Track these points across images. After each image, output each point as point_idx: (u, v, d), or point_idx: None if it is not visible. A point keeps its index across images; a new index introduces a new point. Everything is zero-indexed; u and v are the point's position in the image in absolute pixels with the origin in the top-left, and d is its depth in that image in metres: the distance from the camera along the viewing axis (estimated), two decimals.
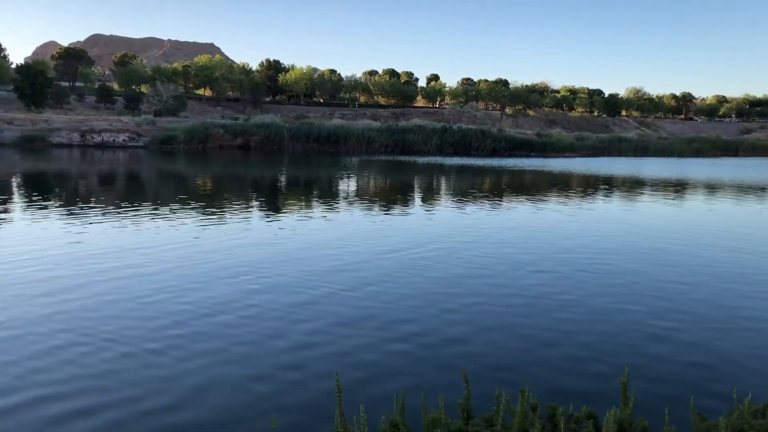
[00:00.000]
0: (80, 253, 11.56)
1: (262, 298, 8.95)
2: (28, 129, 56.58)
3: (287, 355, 6.82)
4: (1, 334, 7.24)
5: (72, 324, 7.65)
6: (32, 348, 6.85)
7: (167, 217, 16.29)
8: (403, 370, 6.44)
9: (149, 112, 79.33)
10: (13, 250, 11.76)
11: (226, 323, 7.78)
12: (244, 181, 30.38)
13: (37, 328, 7.47)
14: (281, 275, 10.36)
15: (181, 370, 6.29)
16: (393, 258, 11.95)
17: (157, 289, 9.28)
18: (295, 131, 63.07)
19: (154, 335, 7.31)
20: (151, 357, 6.64)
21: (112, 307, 8.37)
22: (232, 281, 9.87)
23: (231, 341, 7.15)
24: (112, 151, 50.65)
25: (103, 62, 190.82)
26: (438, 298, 9.20)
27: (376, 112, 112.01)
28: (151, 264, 10.89)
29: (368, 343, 7.25)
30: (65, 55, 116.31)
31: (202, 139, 57.91)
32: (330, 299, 9.00)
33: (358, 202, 21.52)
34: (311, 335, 7.46)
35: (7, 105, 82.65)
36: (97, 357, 6.64)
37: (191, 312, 8.20)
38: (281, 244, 13.21)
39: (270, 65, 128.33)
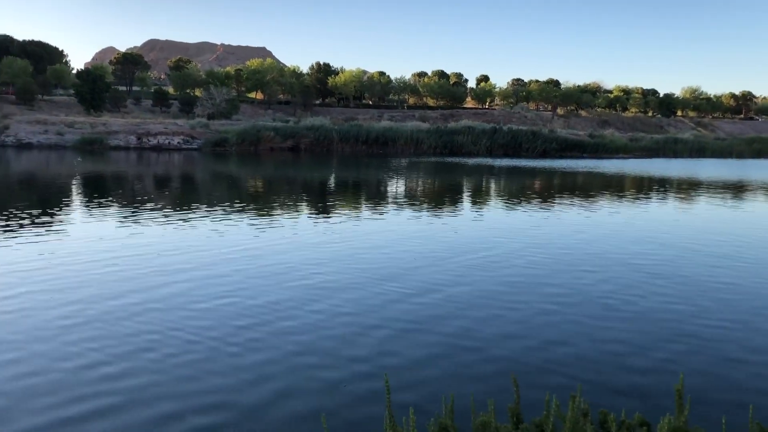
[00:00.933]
0: (140, 253, 11.84)
1: (328, 301, 8.94)
2: (87, 132, 58.53)
3: (348, 354, 6.86)
4: (88, 334, 7.36)
5: (153, 324, 7.74)
6: (123, 348, 6.93)
7: (221, 219, 16.59)
8: (453, 373, 6.41)
9: (203, 115, 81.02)
10: (74, 250, 12.15)
11: (295, 328, 7.72)
12: (294, 182, 30.75)
13: (120, 328, 7.59)
14: (341, 277, 10.38)
15: (259, 373, 6.28)
16: (447, 260, 11.90)
17: (224, 290, 9.33)
18: (344, 133, 63.54)
19: (229, 336, 7.34)
20: (231, 359, 6.66)
21: (188, 307, 8.48)
22: (295, 283, 9.90)
23: (301, 346, 7.10)
24: (168, 154, 51.95)
25: (158, 67, 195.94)
26: (488, 301, 9.11)
27: (425, 114, 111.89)
28: (212, 264, 11.04)
29: (417, 344, 7.24)
30: (123, 60, 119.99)
31: (254, 142, 58.87)
32: (387, 300, 8.98)
33: (407, 204, 21.52)
34: (355, 331, 7.50)
35: (68, 109, 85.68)
36: (184, 357, 6.69)
37: (261, 315, 8.18)
38: (337, 245, 13.26)
39: (320, 68, 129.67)
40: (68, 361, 6.51)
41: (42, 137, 57.26)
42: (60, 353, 6.73)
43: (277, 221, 16.67)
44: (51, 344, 7.00)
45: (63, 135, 57.73)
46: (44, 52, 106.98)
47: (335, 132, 63.30)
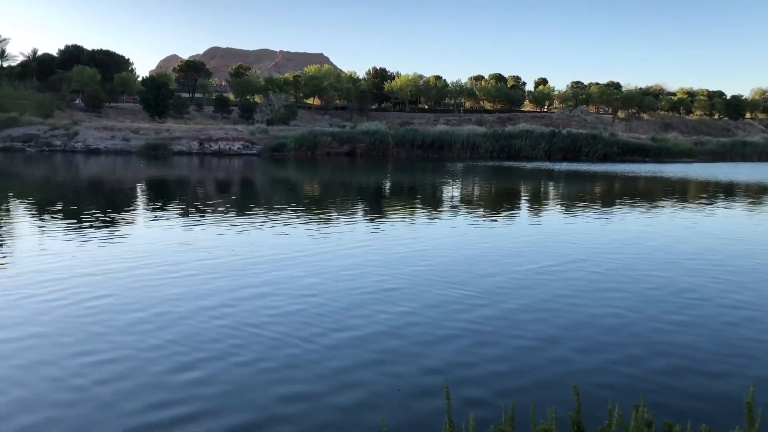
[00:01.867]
0: (204, 257, 12.13)
1: (396, 305, 8.92)
2: (152, 138, 60.41)
3: (419, 358, 6.88)
4: (170, 337, 7.45)
5: (233, 327, 7.82)
6: (206, 352, 7.00)
7: (281, 223, 16.83)
8: (513, 381, 6.33)
9: (262, 121, 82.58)
10: (142, 252, 12.53)
11: (369, 333, 7.68)
12: (350, 187, 30.98)
13: (200, 330, 7.69)
14: (404, 281, 10.35)
15: (342, 380, 6.26)
16: (508, 266, 11.78)
17: (294, 294, 9.38)
18: (399, 138, 63.66)
19: (307, 341, 7.35)
20: (313, 365, 6.64)
21: (263, 311, 8.52)
22: (361, 287, 9.90)
23: (377, 351, 7.07)
24: (228, 159, 53.12)
25: (220, 74, 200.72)
26: (548, 307, 8.96)
27: (482, 118, 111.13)
28: (279, 268, 11.17)
29: (480, 349, 7.19)
30: (186, 67, 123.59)
31: (311, 147, 59.60)
32: (450, 304, 8.95)
33: (464, 209, 21.38)
34: (423, 336, 7.48)
35: (133, 115, 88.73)
36: (266, 362, 6.74)
37: (336, 319, 8.16)
38: (394, 249, 13.24)
39: (376, 73, 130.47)
40: (156, 365, 6.58)
41: (109, 143, 59.42)
42: (146, 356, 6.82)
43: (335, 225, 16.80)
44: (137, 347, 7.09)
45: (129, 141, 59.77)
46: (112, 60, 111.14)
47: (391, 136, 63.48)
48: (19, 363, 6.53)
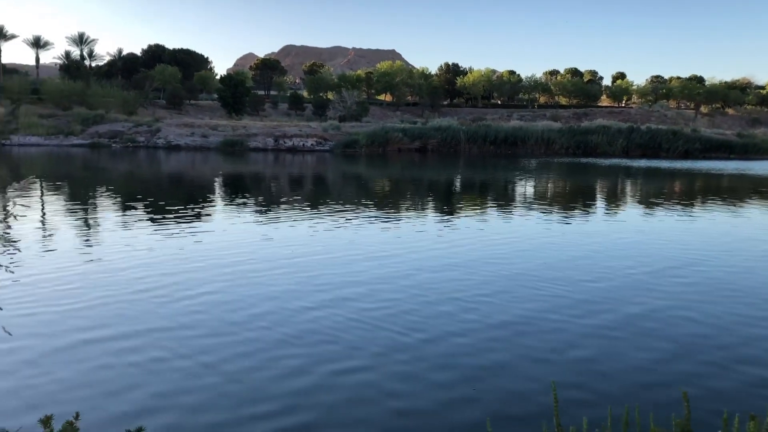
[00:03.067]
0: (276, 249, 12.40)
1: (474, 304, 8.75)
2: (229, 134, 62.07)
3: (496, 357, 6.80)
4: (274, 337, 7.45)
5: (332, 323, 7.86)
6: (315, 354, 7.04)
7: (352, 218, 16.96)
8: (617, 385, 6.14)
9: (335, 117, 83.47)
10: (220, 244, 12.90)
11: (455, 333, 7.56)
12: (420, 183, 30.90)
13: (303, 326, 7.80)
14: (477, 279, 10.22)
15: (437, 380, 6.18)
16: (586, 265, 11.47)
17: (378, 290, 9.40)
18: (471, 134, 63.05)
19: (401, 341, 7.34)
20: (401, 365, 6.60)
21: (354, 306, 8.56)
22: (438, 285, 9.82)
23: (465, 353, 6.94)
24: (302, 155, 53.98)
25: (294, 71, 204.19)
26: (671, 318, 8.47)
27: (557, 113, 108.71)
28: (346, 263, 11.36)
29: (580, 352, 7.02)
30: (261, 65, 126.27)
31: (382, 143, 59.82)
32: (532, 304, 8.82)
33: (537, 206, 20.94)
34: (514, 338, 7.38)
35: (212, 113, 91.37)
36: (364, 351, 6.89)
37: (423, 317, 8.08)
38: (467, 247, 13.15)
39: (448, 69, 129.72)
40: (266, 370, 6.39)
41: (189, 139, 61.41)
42: (247, 358, 6.70)
43: (405, 221, 16.80)
44: (236, 347, 6.97)
45: (207, 137, 61.60)
46: (191, 59, 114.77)
47: (463, 132, 62.94)
48: (143, 359, 6.57)
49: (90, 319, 7.81)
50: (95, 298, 8.71)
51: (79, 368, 6.27)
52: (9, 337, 6.83)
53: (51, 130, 64.20)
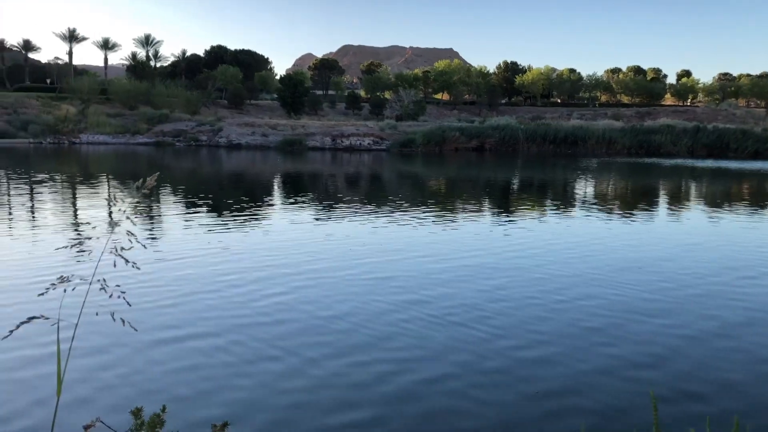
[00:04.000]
0: (337, 246, 12.54)
1: (550, 306, 8.56)
2: (288, 134, 63.04)
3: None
4: (361, 339, 7.78)
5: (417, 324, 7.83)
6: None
7: (411, 217, 16.99)
8: (706, 388, 5.97)
9: (391, 117, 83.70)
10: (292, 243, 13.12)
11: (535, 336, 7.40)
12: (477, 183, 30.68)
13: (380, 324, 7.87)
14: (538, 279, 10.09)
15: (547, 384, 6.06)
16: (652, 271, 11.17)
17: (445, 288, 9.36)
18: (530, 133, 62.18)
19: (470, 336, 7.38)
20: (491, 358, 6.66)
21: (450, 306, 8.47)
22: (506, 286, 9.63)
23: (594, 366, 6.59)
24: (358, 154, 54.34)
25: (351, 71, 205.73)
26: (742, 327, 8.02)
27: (618, 112, 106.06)
28: (418, 264, 11.36)
29: (665, 360, 6.74)
30: (320, 65, 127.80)
31: (439, 142, 59.64)
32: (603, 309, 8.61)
33: (597, 207, 20.51)
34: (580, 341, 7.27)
35: (271, 112, 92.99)
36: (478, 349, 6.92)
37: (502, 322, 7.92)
38: (524, 248, 13.02)
39: (507, 67, 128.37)
40: (353, 375, 6.15)
41: (249, 138, 62.65)
42: (335, 360, 6.54)
43: (468, 221, 16.70)
44: (323, 349, 6.85)
45: (267, 136, 62.71)
46: (252, 59, 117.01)
47: (521, 131, 62.15)
48: (232, 359, 6.48)
49: (177, 316, 7.87)
50: (180, 296, 8.76)
51: (168, 365, 6.32)
52: (103, 333, 6.92)
53: (118, 128, 66.58)
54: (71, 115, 70.56)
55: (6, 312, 7.74)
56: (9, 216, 16.07)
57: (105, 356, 6.41)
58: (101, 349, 6.58)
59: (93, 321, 3.32)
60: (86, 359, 6.21)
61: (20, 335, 2.15)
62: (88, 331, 6.83)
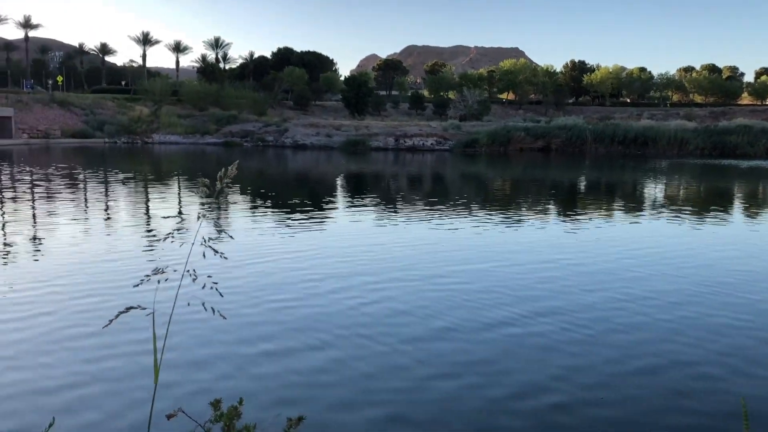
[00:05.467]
0: (402, 247, 12.59)
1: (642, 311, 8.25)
2: (352, 134, 63.64)
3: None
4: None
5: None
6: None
7: (470, 217, 16.89)
8: None
9: (455, 117, 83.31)
10: (340, 242, 13.26)
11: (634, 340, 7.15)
12: (543, 183, 30.21)
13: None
14: (610, 284, 9.75)
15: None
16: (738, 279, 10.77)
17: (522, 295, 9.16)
18: (598, 133, 60.75)
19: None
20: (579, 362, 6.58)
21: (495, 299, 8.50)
22: (589, 290, 9.34)
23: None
24: (421, 154, 54.36)
25: (415, 71, 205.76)
26: None
27: (691, 112, 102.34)
28: (466, 261, 11.33)
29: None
30: (384, 66, 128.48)
31: (504, 142, 59.02)
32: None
33: (667, 210, 19.85)
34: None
35: (336, 113, 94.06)
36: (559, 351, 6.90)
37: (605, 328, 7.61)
38: (596, 251, 12.76)
39: (574, 66, 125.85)
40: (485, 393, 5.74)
41: (314, 139, 63.57)
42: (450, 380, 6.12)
43: (532, 224, 16.48)
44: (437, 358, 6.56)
45: (331, 137, 63.48)
46: (318, 61, 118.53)
47: (589, 131, 60.80)
48: (324, 364, 6.32)
49: (263, 310, 7.95)
50: (264, 291, 8.80)
51: (254, 356, 6.41)
52: (194, 322, 7.06)
53: (188, 129, 68.77)
54: (144, 115, 73.29)
55: (105, 303, 8.02)
56: (100, 212, 16.83)
57: (194, 346, 6.55)
58: (191, 339, 6.72)
59: (185, 310, 3.45)
60: (176, 349, 6.33)
61: (119, 324, 2.26)
62: (180, 320, 6.88)
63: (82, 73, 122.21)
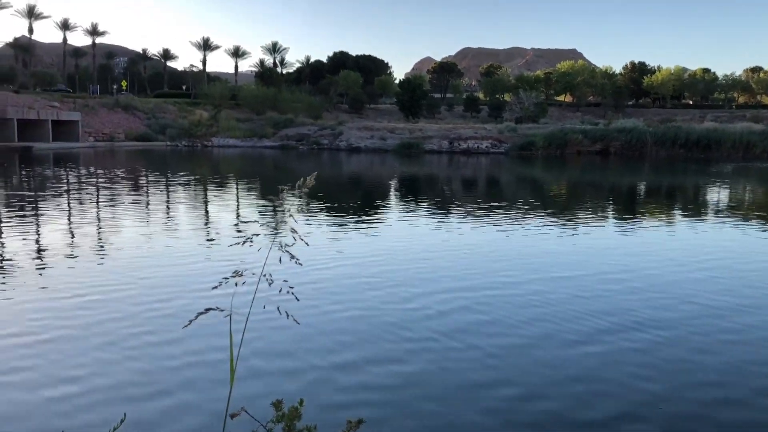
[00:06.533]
0: (452, 251, 12.58)
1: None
2: (406, 137, 63.71)
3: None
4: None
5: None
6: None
7: (521, 221, 16.71)
8: None
9: (511, 119, 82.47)
10: (396, 245, 13.34)
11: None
12: (601, 187, 29.63)
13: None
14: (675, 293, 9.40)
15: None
16: None
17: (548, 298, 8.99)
18: (659, 136, 59.14)
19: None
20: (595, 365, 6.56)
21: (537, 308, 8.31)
22: (625, 294, 9.16)
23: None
24: (476, 157, 53.99)
25: (470, 74, 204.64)
26: None
27: (758, 114, 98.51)
28: (525, 267, 11.26)
29: None
30: (438, 69, 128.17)
31: (560, 145, 58.09)
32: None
33: (731, 216, 19.21)
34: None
35: (390, 116, 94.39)
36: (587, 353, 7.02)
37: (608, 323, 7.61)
38: (660, 260, 12.47)
39: (634, 67, 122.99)
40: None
41: (368, 142, 63.93)
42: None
43: (593, 229, 16.21)
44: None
45: (385, 140, 63.71)
46: (373, 65, 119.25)
47: (649, 134, 59.24)
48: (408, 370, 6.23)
49: (335, 312, 8.01)
50: (334, 294, 8.83)
51: (322, 358, 6.47)
52: (269, 326, 7.09)
53: (246, 132, 70.13)
54: (204, 119, 75.14)
55: (185, 304, 8.19)
56: (170, 215, 17.38)
57: (266, 348, 6.62)
58: (263, 341, 6.77)
59: (260, 313, 3.54)
60: (248, 350, 6.39)
61: (196, 326, 2.36)
62: (255, 322, 6.83)
63: (145, 77, 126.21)
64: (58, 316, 7.62)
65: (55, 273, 9.85)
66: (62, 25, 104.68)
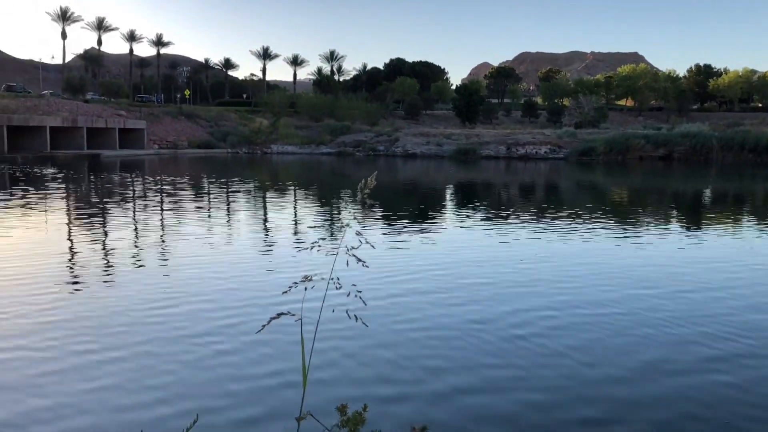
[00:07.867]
0: (503, 258, 12.45)
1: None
2: (462, 143, 63.45)
3: None
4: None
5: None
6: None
7: (581, 228, 16.37)
8: None
9: (570, 124, 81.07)
10: (449, 251, 13.29)
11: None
12: (664, 194, 28.81)
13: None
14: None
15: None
16: None
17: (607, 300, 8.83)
18: (726, 140, 57.13)
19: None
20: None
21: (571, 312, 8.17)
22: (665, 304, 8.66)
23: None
24: (534, 163, 53.32)
25: (528, 78, 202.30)
26: None
27: None
28: (574, 274, 11.03)
29: None
30: (496, 74, 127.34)
31: (622, 150, 56.76)
32: None
33: None
34: None
35: (446, 122, 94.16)
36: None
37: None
38: (727, 267, 12.06)
39: (699, 70, 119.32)
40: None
41: (424, 148, 63.94)
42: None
43: (646, 235, 15.78)
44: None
45: (441, 146, 63.58)
46: (429, 71, 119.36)
47: (715, 139, 57.30)
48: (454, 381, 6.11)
49: (401, 316, 7.97)
50: (398, 298, 8.80)
51: (390, 363, 6.43)
52: (338, 330, 7.06)
53: (304, 139, 71.22)
54: (264, 127, 76.66)
55: (256, 309, 8.16)
56: (236, 221, 17.81)
57: (333, 352, 6.59)
58: (332, 344, 6.72)
59: (330, 317, 3.56)
60: (318, 354, 6.32)
61: (268, 330, 2.42)
62: (325, 327, 6.72)
63: (207, 86, 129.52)
64: (132, 323, 7.64)
65: (125, 280, 10.02)
66: (129, 37, 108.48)
